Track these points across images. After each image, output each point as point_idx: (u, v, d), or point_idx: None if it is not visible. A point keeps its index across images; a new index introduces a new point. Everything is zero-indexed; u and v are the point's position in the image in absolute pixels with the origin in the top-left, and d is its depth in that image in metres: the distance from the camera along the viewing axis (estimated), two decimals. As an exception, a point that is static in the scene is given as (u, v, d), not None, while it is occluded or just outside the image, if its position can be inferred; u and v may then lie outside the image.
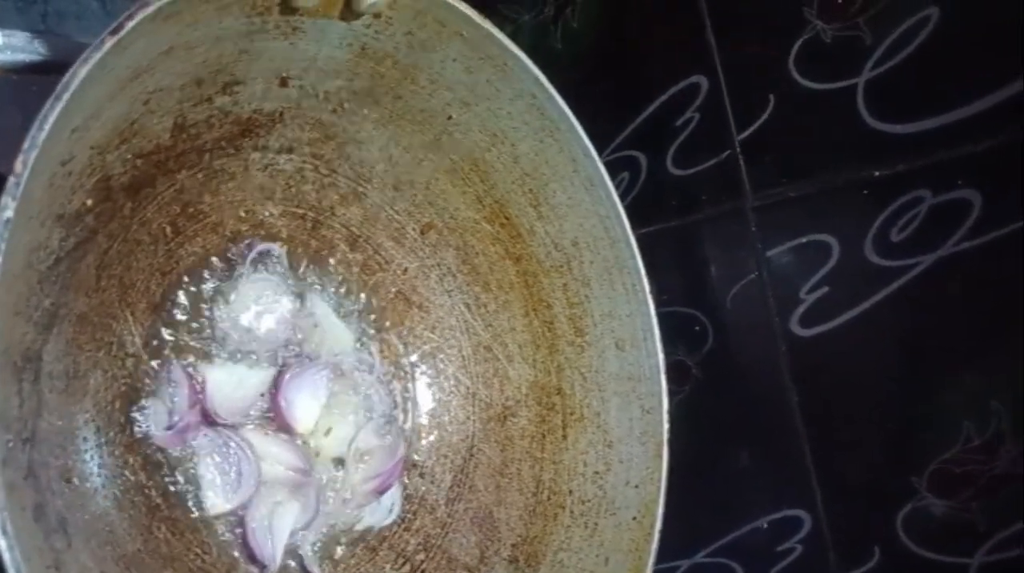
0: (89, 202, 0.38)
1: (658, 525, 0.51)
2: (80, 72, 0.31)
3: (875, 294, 0.52)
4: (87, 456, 0.40)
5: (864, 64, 0.51)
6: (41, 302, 0.36)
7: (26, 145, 0.29)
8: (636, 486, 0.52)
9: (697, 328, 0.60)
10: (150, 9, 0.33)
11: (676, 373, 0.61)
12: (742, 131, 0.56)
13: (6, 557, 0.27)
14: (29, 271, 0.34)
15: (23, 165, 0.29)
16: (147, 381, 0.43)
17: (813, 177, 0.54)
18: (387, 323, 0.55)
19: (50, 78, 0.45)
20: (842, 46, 0.51)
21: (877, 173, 0.51)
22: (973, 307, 0.49)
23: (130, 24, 0.32)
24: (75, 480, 0.38)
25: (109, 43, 0.32)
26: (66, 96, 0.30)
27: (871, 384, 0.53)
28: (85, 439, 0.40)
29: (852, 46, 0.51)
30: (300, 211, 0.51)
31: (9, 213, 0.28)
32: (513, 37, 0.48)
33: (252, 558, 0.46)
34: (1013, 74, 0.46)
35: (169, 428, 0.44)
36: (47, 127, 0.29)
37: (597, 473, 0.54)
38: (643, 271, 0.53)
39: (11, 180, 0.29)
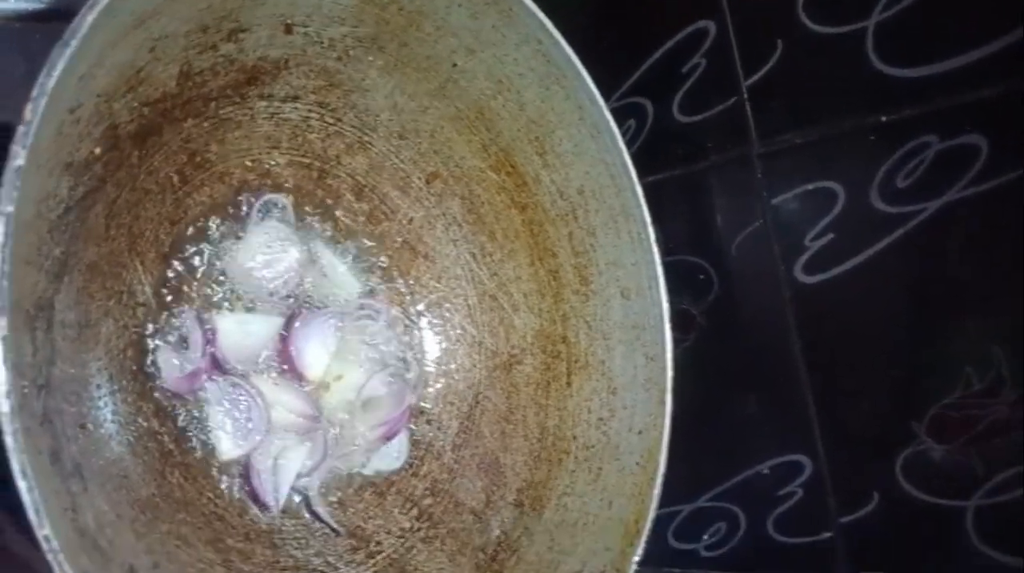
0: (97, 150, 0.38)
1: (661, 470, 0.52)
2: (87, 17, 0.30)
3: (880, 241, 0.52)
4: (100, 403, 0.40)
5: (875, 6, 0.50)
6: (52, 251, 0.36)
7: (34, 92, 0.29)
8: (640, 432, 0.53)
9: (702, 277, 0.61)
10: (154, -46, 0.32)
11: (681, 321, 0.61)
12: (749, 77, 0.56)
13: (26, 499, 0.28)
14: (39, 220, 0.34)
15: (32, 112, 0.29)
16: (158, 329, 0.44)
17: (820, 123, 0.53)
18: (393, 273, 0.55)
19: (52, 25, 0.45)
20: (852, -12, 0.51)
21: (884, 118, 0.51)
22: (977, 254, 0.49)
23: (134, -31, 0.32)
24: (89, 426, 0.39)
25: (114, -13, 0.31)
26: (73, 42, 0.30)
27: (875, 331, 0.54)
28: (98, 386, 0.40)
29: (862, -11, 0.50)
30: (306, 160, 0.51)
31: (20, 161, 0.28)
32: (518, -19, 0.48)
33: (256, 500, 0.47)
34: (1020, 19, 0.45)
35: (180, 375, 0.44)
36: (55, 74, 0.29)
37: (601, 420, 0.55)
38: (649, 220, 0.53)
39: (20, 128, 0.29)
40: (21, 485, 0.27)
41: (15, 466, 0.27)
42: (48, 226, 0.36)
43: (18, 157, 0.28)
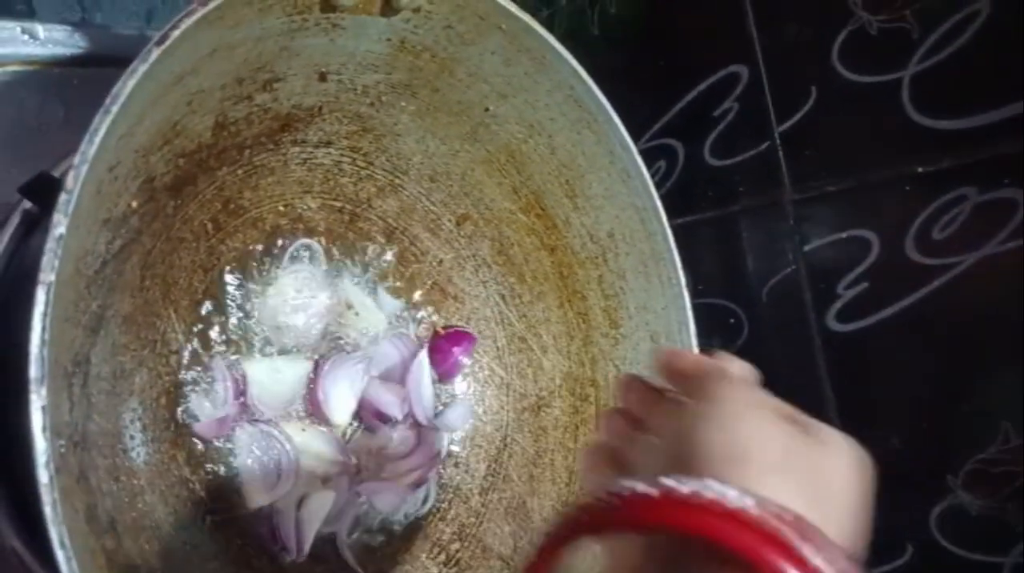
0: (134, 204, 0.38)
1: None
2: (128, 84, 0.31)
3: (915, 292, 0.51)
4: (134, 454, 0.40)
5: (911, 57, 0.49)
6: (89, 306, 0.36)
7: (77, 160, 0.29)
8: (669, 479, 0.53)
9: (732, 320, 0.60)
10: (194, 18, 0.33)
11: (710, 364, 0.61)
12: (782, 123, 0.55)
13: (63, 569, 0.28)
14: (77, 277, 0.35)
15: (74, 180, 0.29)
16: (190, 377, 0.44)
17: (854, 171, 0.53)
18: (423, 314, 0.55)
19: (89, 71, 0.45)
20: (888, 38, 0.50)
21: (921, 169, 0.50)
22: (1015, 308, 0.49)
23: (175, 33, 0.32)
24: (123, 478, 0.39)
25: (155, 53, 0.32)
26: (115, 109, 0.30)
27: (908, 382, 0.53)
28: (132, 437, 0.40)
29: (898, 38, 0.50)
30: (338, 204, 0.51)
31: (61, 229, 0.29)
32: (549, 23, 0.48)
33: (281, 546, 0.47)
34: (1065, 72, 0.45)
35: (210, 421, 0.44)
36: (97, 140, 0.29)
37: (630, 465, 0.54)
38: (679, 264, 0.53)
39: (63, 197, 0.29)
40: (59, 555, 0.27)
41: (53, 536, 0.27)
42: (86, 282, 0.36)
43: (60, 225, 0.29)
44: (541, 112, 0.51)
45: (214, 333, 0.45)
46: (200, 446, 0.44)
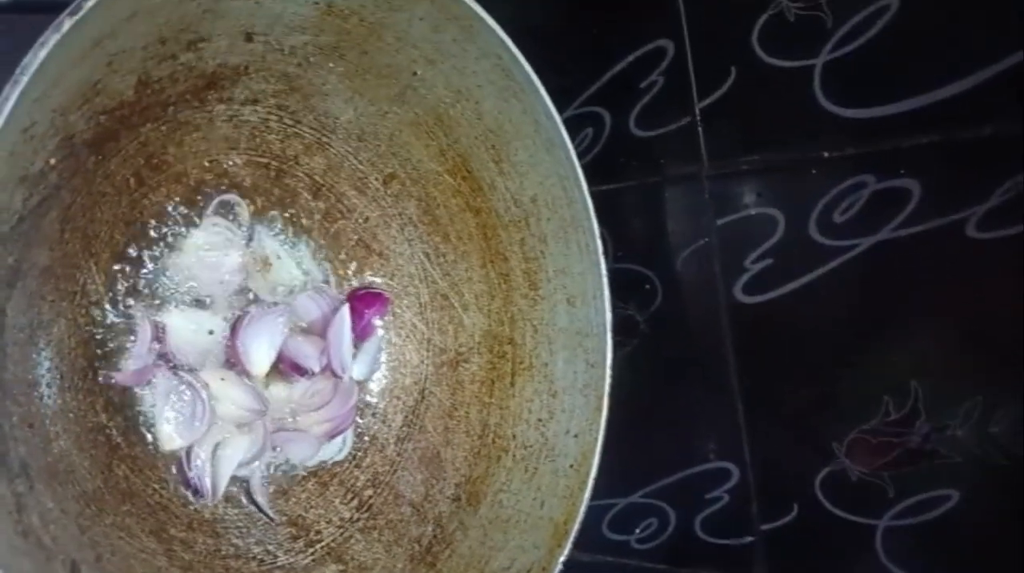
0: (52, 161, 0.39)
1: (593, 474, 0.54)
2: (39, 55, 0.31)
3: (815, 270, 0.54)
4: (49, 401, 0.42)
5: (824, 46, 0.51)
6: (4, 261, 0.37)
7: (-14, 129, 0.30)
8: (576, 435, 0.56)
9: (648, 286, 0.63)
10: (109, -13, 0.33)
11: (625, 327, 0.63)
12: (703, 99, 0.57)
13: (-32, 516, 0.29)
14: (-8, 235, 0.36)
15: (-18, 150, 0.30)
16: (110, 327, 0.45)
17: (766, 152, 0.55)
18: (348, 271, 0.57)
19: (10, 17, 0.46)
20: (804, 26, 0.52)
21: (826, 154, 0.53)
22: (903, 291, 0.52)
23: (89, 4, 0.33)
24: (37, 424, 0.41)
25: (67, 24, 0.32)
26: (24, 79, 0.31)
27: (803, 354, 0.56)
28: (48, 385, 0.42)
29: (813, 27, 0.51)
30: (264, 160, 0.52)
31: (-31, 196, 0.30)
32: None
33: (193, 489, 0.49)
34: (963, 72, 0.47)
35: (130, 371, 0.46)
36: (6, 110, 0.30)
37: (540, 420, 0.57)
38: (597, 232, 0.55)
39: (-30, 165, 0.30)
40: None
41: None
42: (1, 238, 0.37)
43: (-33, 193, 0.30)
44: (469, 79, 0.52)
45: (135, 285, 0.47)
46: (118, 393, 0.46)
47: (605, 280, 0.55)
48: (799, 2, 0.52)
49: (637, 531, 0.67)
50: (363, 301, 0.56)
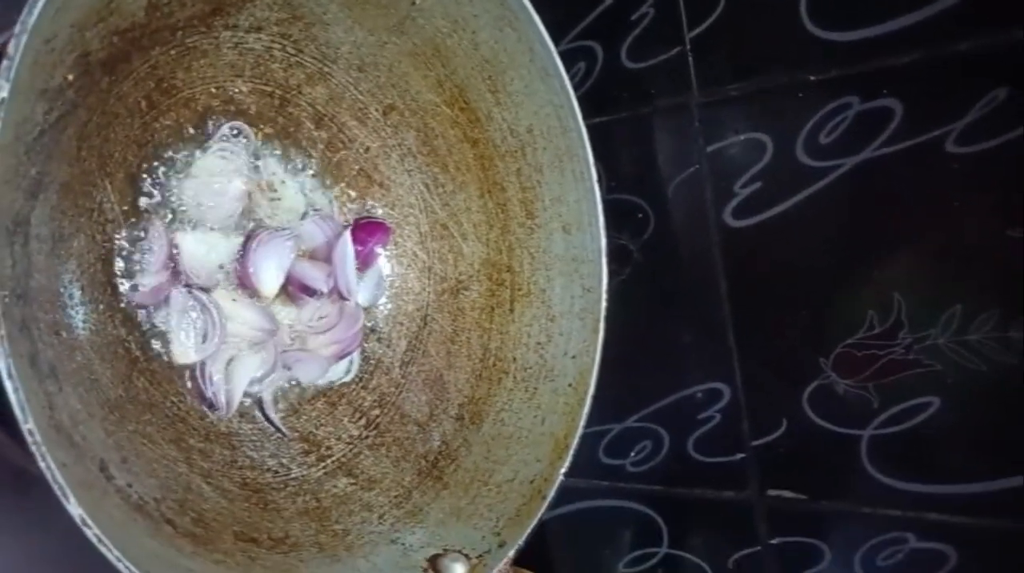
0: (70, 77, 0.40)
1: (591, 392, 0.57)
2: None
3: (802, 192, 0.56)
4: (72, 312, 0.44)
5: (809, -28, 0.53)
6: (28, 171, 0.39)
7: (17, 29, 0.32)
8: (573, 357, 0.58)
9: (640, 215, 0.65)
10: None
11: (618, 255, 0.65)
12: (693, 28, 0.59)
13: (12, 398, 0.31)
14: (17, 143, 0.37)
15: (15, 48, 0.31)
16: (126, 244, 0.47)
17: (754, 78, 0.57)
18: (350, 200, 0.58)
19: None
20: (791, -48, 0.54)
21: (812, 78, 0.55)
22: (886, 208, 0.54)
23: (109, -86, 0.34)
24: (63, 333, 0.42)
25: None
26: (51, -18, 0.32)
27: (792, 274, 0.59)
28: (71, 296, 0.44)
29: (800, -47, 0.53)
30: (268, 88, 0.53)
31: (4, 94, 0.31)
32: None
33: (208, 402, 0.51)
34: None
35: (145, 290, 0.47)
36: (36, 11, 0.32)
37: (539, 344, 0.59)
38: (592, 161, 0.57)
39: (4, 63, 0.31)
40: (8, 385, 0.31)
41: (2, 367, 0.31)
42: (25, 148, 0.38)
43: (2, 90, 0.31)
44: (465, 8, 0.54)
45: (148, 205, 0.48)
46: (136, 309, 0.47)
47: (599, 207, 0.57)
48: (785, -70, 0.53)
49: (632, 454, 0.70)
50: (365, 230, 0.58)
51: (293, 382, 0.55)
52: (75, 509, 0.33)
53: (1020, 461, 0.52)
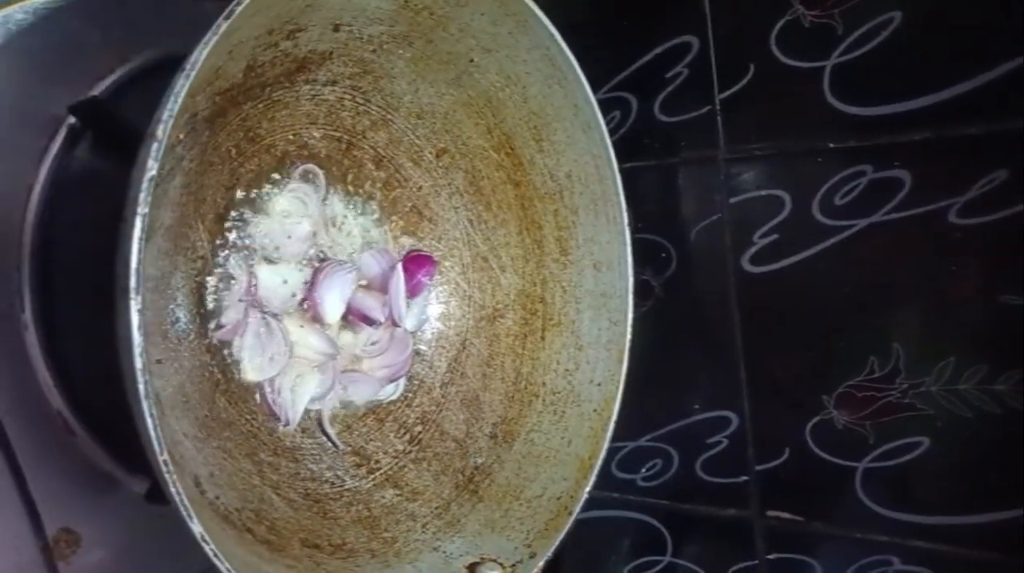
0: (182, 135, 0.46)
1: (614, 417, 0.62)
2: (202, 55, 0.38)
3: (815, 246, 0.62)
4: (171, 340, 0.49)
5: (833, 50, 0.59)
6: (144, 219, 0.44)
7: (164, 115, 0.37)
8: (599, 384, 0.63)
9: (664, 255, 0.70)
10: (254, -5, 0.40)
11: (642, 290, 0.71)
12: (723, 91, 0.64)
13: (152, 434, 0.36)
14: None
15: (163, 132, 0.37)
16: (213, 278, 0.52)
17: (778, 140, 0.63)
18: (402, 233, 0.63)
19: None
20: (817, 31, 0.59)
21: (831, 145, 0.60)
22: (891, 267, 0.60)
23: (239, 9, 0.39)
24: (164, 360, 0.48)
25: (224, 27, 0.39)
26: (192, 74, 0.38)
27: (801, 318, 0.64)
28: (170, 326, 0.49)
29: (825, 33, 0.59)
30: (337, 134, 0.58)
31: (153, 172, 0.36)
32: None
33: (276, 417, 0.56)
34: (955, 78, 0.55)
35: (230, 328, 0.52)
36: (180, 100, 0.37)
37: (567, 370, 0.65)
38: (624, 206, 0.62)
39: (154, 145, 0.36)
40: (149, 422, 0.36)
41: (145, 407, 0.36)
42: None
43: (152, 169, 0.36)
44: (519, 66, 0.59)
45: (231, 242, 0.53)
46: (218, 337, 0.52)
47: (629, 248, 0.63)
48: (815, 10, 0.59)
49: (643, 470, 0.75)
50: (414, 262, 0.63)
51: (348, 401, 0.60)
52: (196, 527, 0.38)
53: (997, 499, 0.58)
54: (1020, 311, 0.55)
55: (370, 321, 0.59)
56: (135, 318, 0.36)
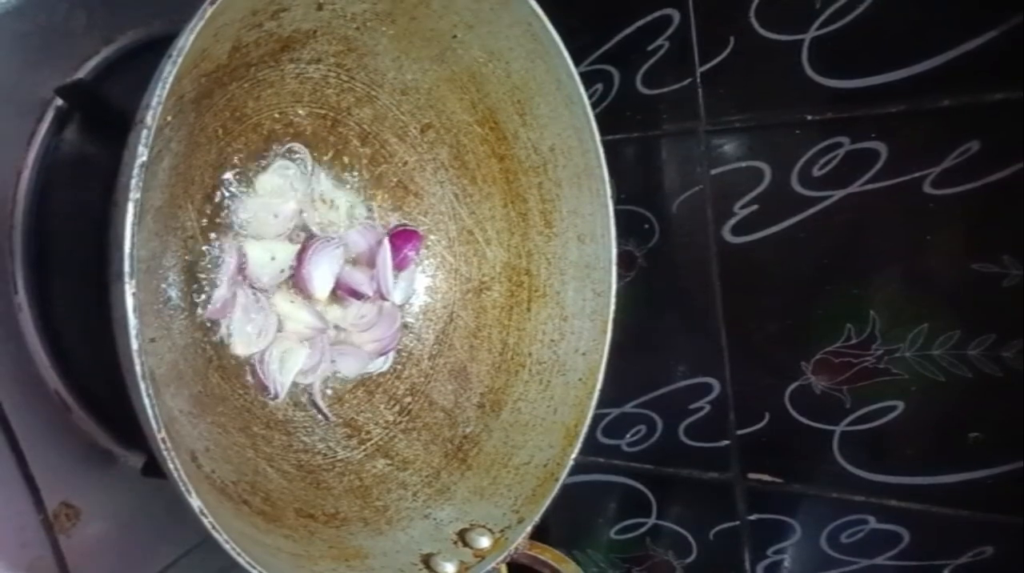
0: (169, 118, 0.46)
1: (598, 386, 0.64)
2: (189, 39, 0.39)
3: (794, 216, 0.63)
4: (164, 319, 0.50)
5: (812, 24, 0.59)
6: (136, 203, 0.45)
7: (154, 101, 0.37)
8: (583, 354, 0.65)
9: (646, 226, 0.71)
10: (239, -19, 0.40)
11: (625, 260, 0.72)
12: (704, 64, 0.65)
13: (150, 414, 0.38)
14: (132, 182, 0.43)
15: (152, 119, 0.37)
16: (202, 256, 0.53)
17: (757, 112, 0.64)
18: (389, 207, 0.64)
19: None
20: (795, 4, 0.60)
21: (809, 117, 0.61)
22: (867, 237, 0.61)
23: (224, -6, 0.40)
24: (157, 339, 0.49)
25: (210, 11, 0.39)
26: (180, 60, 0.38)
27: (780, 286, 0.66)
28: (163, 305, 0.50)
29: (804, 6, 0.59)
30: (322, 112, 0.59)
31: (143, 159, 0.37)
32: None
33: (265, 390, 0.57)
34: (929, 52, 0.56)
35: (219, 306, 0.53)
36: (168, 86, 0.38)
37: (553, 341, 0.66)
38: (608, 179, 0.63)
39: (144, 132, 0.37)
40: (146, 402, 0.37)
41: (142, 387, 0.37)
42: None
43: (143, 155, 0.37)
44: (501, 42, 0.59)
45: (220, 220, 0.54)
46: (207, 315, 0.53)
47: (612, 219, 0.64)
48: (792, -16, 0.60)
49: (628, 436, 0.77)
50: (400, 236, 0.64)
51: (337, 373, 0.61)
52: (195, 502, 0.39)
53: (968, 460, 0.61)
54: (992, 278, 0.57)
55: (358, 295, 0.60)
56: (130, 301, 0.37)
